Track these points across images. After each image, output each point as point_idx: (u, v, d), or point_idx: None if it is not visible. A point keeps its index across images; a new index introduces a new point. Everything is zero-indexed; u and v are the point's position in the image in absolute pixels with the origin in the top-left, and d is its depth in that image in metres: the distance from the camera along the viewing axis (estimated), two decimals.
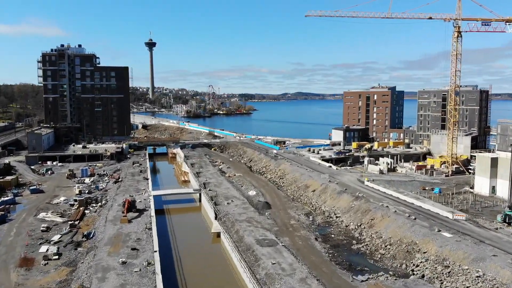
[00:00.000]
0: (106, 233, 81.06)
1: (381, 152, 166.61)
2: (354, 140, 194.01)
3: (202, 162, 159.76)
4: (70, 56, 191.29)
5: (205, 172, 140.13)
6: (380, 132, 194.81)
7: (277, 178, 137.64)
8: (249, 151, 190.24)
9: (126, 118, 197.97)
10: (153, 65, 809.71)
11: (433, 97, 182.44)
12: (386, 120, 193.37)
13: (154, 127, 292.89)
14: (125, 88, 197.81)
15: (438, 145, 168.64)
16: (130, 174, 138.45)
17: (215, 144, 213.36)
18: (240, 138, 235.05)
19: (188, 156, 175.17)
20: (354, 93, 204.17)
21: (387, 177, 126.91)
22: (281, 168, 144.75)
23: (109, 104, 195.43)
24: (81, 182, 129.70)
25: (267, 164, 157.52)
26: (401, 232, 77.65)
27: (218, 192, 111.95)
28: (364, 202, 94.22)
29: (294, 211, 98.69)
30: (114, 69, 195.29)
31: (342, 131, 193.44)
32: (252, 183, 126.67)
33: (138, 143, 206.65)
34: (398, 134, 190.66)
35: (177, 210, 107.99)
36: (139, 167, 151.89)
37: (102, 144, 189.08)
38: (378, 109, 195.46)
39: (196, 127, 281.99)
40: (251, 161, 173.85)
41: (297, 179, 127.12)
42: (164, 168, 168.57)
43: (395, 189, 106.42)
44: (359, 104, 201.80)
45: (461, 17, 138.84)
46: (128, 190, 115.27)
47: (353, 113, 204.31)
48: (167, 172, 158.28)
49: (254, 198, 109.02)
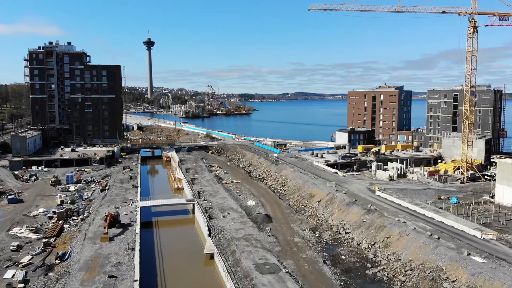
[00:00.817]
0: (83, 254, 70.52)
1: (389, 156, 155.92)
2: (359, 143, 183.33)
3: (197, 167, 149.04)
4: (59, 54, 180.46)
5: (200, 179, 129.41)
6: (387, 134, 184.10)
7: (278, 185, 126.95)
8: (248, 154, 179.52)
9: (118, 120, 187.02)
10: (151, 64, 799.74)
11: (444, 97, 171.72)
12: (393, 122, 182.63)
13: (150, 128, 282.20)
14: (117, 88, 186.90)
15: (449, 149, 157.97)
16: (119, 181, 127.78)
17: (212, 147, 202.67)
18: (239, 140, 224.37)
19: (183, 160, 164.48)
20: (359, 93, 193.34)
21: (399, 185, 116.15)
22: (283, 174, 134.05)
23: (100, 104, 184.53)
24: (65, 190, 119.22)
25: (268, 169, 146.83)
26: (423, 254, 66.94)
27: (213, 203, 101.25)
28: (378, 216, 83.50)
29: (298, 225, 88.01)
30: (105, 68, 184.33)
31: (346, 133, 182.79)
32: (251, 191, 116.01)
33: (131, 146, 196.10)
34: (406, 137, 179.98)
35: (167, 223, 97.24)
36: (129, 173, 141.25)
37: (93, 147, 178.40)
38: (384, 110, 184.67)
39: (194, 129, 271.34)
40: (250, 166, 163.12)
41: (300, 187, 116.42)
42: (158, 173, 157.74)
43: (410, 200, 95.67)
44: (365, 104, 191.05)
45: (477, 11, 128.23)
46: (114, 200, 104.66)
47: (358, 114, 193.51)
48: (161, 178, 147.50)
49: (253, 209, 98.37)
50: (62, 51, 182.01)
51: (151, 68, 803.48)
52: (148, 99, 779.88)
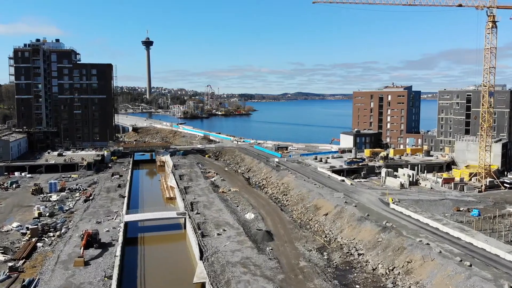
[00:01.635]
0: (51, 283, 59.81)
1: (399, 161, 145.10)
2: (365, 146, 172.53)
3: (192, 173, 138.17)
4: (46, 52, 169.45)
5: (194, 187, 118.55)
6: (394, 137, 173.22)
7: (279, 194, 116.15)
8: (247, 158, 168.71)
9: (109, 122, 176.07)
10: (150, 64, 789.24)
11: (456, 98, 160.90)
12: (401, 124, 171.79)
13: (145, 130, 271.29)
14: (108, 88, 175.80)
15: (463, 153, 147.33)
16: (106, 190, 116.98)
17: (209, 150, 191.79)
18: (237, 143, 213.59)
19: (177, 165, 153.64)
20: (365, 93, 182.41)
21: (413, 195, 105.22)
22: (285, 181, 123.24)
23: (90, 105, 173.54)
24: (46, 200, 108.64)
25: (268, 176, 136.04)
26: (453, 286, 56.15)
27: (207, 216, 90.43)
28: (395, 235, 72.67)
29: (303, 244, 77.18)
30: (95, 67, 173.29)
31: (352, 136, 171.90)
32: (250, 202, 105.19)
33: (123, 149, 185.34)
34: (415, 140, 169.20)
35: (155, 240, 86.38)
36: (118, 180, 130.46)
37: (81, 151, 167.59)
38: (392, 111, 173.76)
39: (191, 130, 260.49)
40: (249, 171, 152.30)
41: (304, 196, 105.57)
42: (150, 180, 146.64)
43: (430, 215, 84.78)
44: (371, 105, 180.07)
45: (496, 4, 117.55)
46: (97, 213, 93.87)
47: (363, 116, 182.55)
48: (152, 185, 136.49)
49: (252, 224, 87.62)
50: (49, 48, 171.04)
51: (149, 68, 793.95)
52: (147, 99, 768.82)
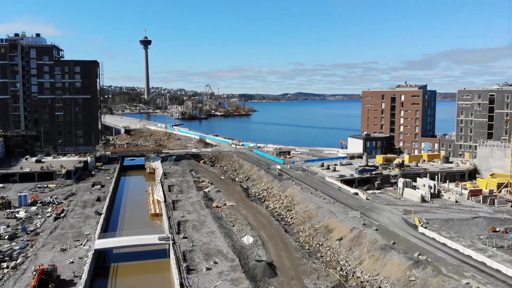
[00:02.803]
0: None
1: (416, 169, 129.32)
2: (376, 152, 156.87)
3: (183, 183, 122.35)
4: (25, 47, 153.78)
5: (184, 201, 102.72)
6: (408, 141, 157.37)
7: (283, 210, 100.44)
8: (246, 165, 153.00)
9: (94, 124, 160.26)
10: (148, 64, 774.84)
11: (477, 99, 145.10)
12: (416, 127, 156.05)
13: (139, 132, 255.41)
14: (93, 87, 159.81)
15: (487, 160, 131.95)
16: (82, 204, 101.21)
17: (205, 155, 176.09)
18: (236, 147, 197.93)
19: (168, 173, 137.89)
20: (376, 92, 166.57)
21: (441, 212, 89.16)
22: (288, 193, 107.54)
23: (73, 106, 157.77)
24: (12, 217, 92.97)
25: (269, 186, 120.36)
26: None
27: (196, 242, 74.68)
28: (432, 273, 56.91)
29: (314, 281, 61.49)
30: (79, 64, 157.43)
31: (361, 140, 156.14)
32: (249, 220, 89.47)
33: (110, 154, 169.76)
34: (431, 145, 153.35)
35: (131, 272, 70.61)
36: (98, 191, 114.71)
37: (63, 157, 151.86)
38: (406, 112, 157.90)
39: (186, 133, 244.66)
40: (248, 180, 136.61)
41: (312, 214, 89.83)
42: (136, 191, 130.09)
43: (470, 243, 68.89)
44: (382, 106, 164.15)
45: None
46: (64, 237, 78.13)
47: (374, 118, 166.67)
48: (138, 197, 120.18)
49: (250, 251, 71.99)
50: (28, 44, 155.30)
51: (147, 67, 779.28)
52: (145, 99, 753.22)
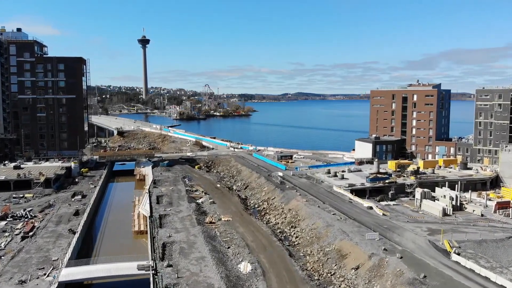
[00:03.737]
0: None
1: (433, 176, 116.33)
2: (386, 156, 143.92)
3: (174, 193, 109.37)
4: (3, 43, 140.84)
5: (173, 216, 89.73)
6: (421, 145, 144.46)
7: (286, 226, 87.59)
8: (245, 171, 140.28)
9: (80, 126, 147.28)
10: (146, 63, 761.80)
11: (498, 99, 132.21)
12: (430, 129, 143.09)
13: (132, 133, 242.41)
14: (78, 86, 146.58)
15: (510, 167, 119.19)
16: (56, 220, 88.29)
17: (201, 159, 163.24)
18: (234, 150, 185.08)
19: (158, 180, 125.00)
20: (386, 92, 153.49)
21: (471, 231, 76.12)
22: (292, 206, 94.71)
23: (56, 107, 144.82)
24: None
25: (270, 197, 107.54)
26: None
27: (182, 272, 61.72)
28: None
29: None
30: (62, 61, 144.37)
31: (370, 144, 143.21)
32: (246, 240, 76.63)
33: (98, 158, 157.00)
34: (447, 149, 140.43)
35: None
36: (78, 203, 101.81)
37: (45, 162, 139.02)
38: (419, 114, 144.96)
39: (182, 134, 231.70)
40: (246, 188, 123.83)
41: (321, 233, 76.99)
42: (121, 202, 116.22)
43: None
44: (393, 107, 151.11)
45: None
46: (27, 263, 65.21)
47: (383, 119, 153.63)
48: (123, 209, 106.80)
49: (248, 284, 59.16)
50: (7, 39, 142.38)
51: (145, 67, 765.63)
52: (143, 99, 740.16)
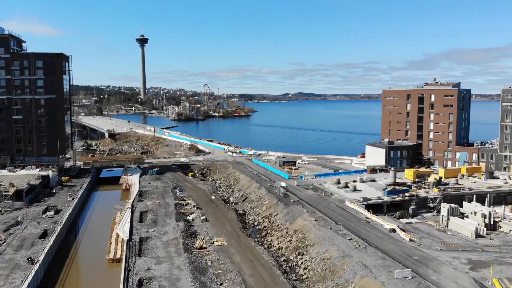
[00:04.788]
0: None
1: (457, 188, 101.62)
2: (400, 163, 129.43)
3: (161, 209, 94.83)
4: None
5: (156, 240, 75.16)
6: (440, 150, 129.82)
7: (291, 253, 73.01)
8: (243, 179, 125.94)
9: (60, 130, 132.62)
10: (144, 63, 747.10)
11: None
12: (449, 133, 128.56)
13: (124, 136, 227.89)
14: (59, 86, 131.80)
15: None
16: (18, 242, 73.99)
17: (195, 166, 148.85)
18: (232, 154, 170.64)
19: (145, 191, 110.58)
20: (400, 91, 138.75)
21: None
22: (298, 227, 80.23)
23: (34, 109, 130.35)
24: None
25: (273, 212, 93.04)
26: None
27: None
28: None
29: None
30: (41, 57, 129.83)
31: (383, 149, 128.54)
32: (243, 275, 62.14)
33: (82, 165, 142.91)
34: (468, 155, 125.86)
35: None
36: (49, 220, 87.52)
37: (21, 170, 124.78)
38: (437, 116, 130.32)
39: (177, 137, 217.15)
40: (245, 201, 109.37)
41: (335, 266, 62.43)
42: (102, 216, 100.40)
43: None
44: (407, 108, 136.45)
45: None
46: None
47: (397, 122, 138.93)
48: (102, 228, 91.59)
49: None
50: None
51: (144, 66, 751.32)
52: (141, 99, 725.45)
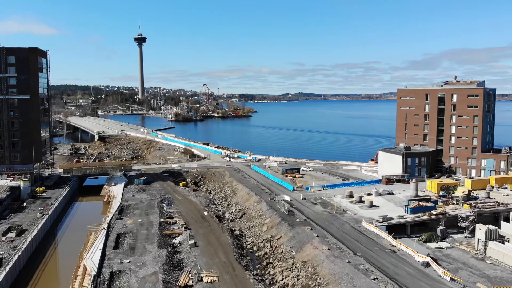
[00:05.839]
0: None
1: (490, 203, 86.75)
2: (419, 172, 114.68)
3: (142, 230, 79.91)
4: None
5: (130, 275, 60.13)
6: (463, 157, 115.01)
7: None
8: (241, 191, 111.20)
9: (36, 134, 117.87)
10: (142, 62, 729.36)
11: None
12: (474, 138, 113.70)
13: (115, 139, 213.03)
14: (34, 84, 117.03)
15: None
16: None
17: (188, 173, 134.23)
18: (230, 160, 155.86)
19: (127, 206, 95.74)
20: (417, 91, 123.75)
21: None
22: (308, 256, 65.36)
23: (5, 110, 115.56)
24: None
25: (275, 235, 78.20)
26: None
27: None
28: None
29: None
30: (13, 52, 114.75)
31: (399, 156, 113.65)
32: None
33: (63, 173, 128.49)
34: (496, 162, 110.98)
35: None
36: (8, 245, 72.61)
37: None
38: (460, 118, 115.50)
39: (171, 140, 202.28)
40: (242, 217, 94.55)
41: None
42: (75, 239, 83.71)
43: None
44: (425, 109, 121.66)
45: None
46: None
47: (414, 125, 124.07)
48: (71, 255, 76.26)
49: None
50: None
51: (142, 66, 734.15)
52: (139, 99, 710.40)
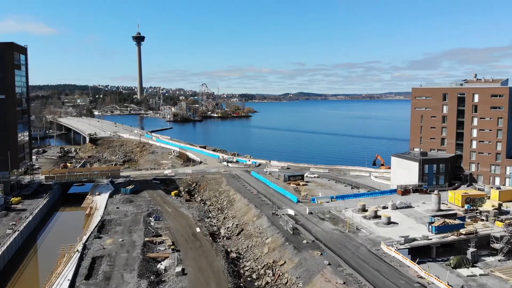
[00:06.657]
0: None
1: None
2: (437, 180, 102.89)
3: (122, 252, 68.19)
4: None
5: None
6: (485, 164, 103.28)
7: None
8: (239, 202, 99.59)
9: (12, 138, 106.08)
10: (141, 62, 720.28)
11: None
12: (497, 143, 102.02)
13: (107, 141, 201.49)
14: (10, 83, 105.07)
15: None
16: None
17: (181, 180, 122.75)
18: (228, 165, 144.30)
19: (109, 221, 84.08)
20: (434, 90, 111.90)
21: None
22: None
23: None
24: None
25: (278, 260, 66.54)
26: None
27: None
28: None
29: None
30: None
31: (416, 163, 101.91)
32: None
33: (45, 180, 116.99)
34: None
35: None
36: None
37: None
38: (482, 121, 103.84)
39: (166, 142, 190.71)
40: (240, 234, 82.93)
41: None
42: (46, 262, 72.15)
43: None
44: (443, 110, 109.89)
45: None
46: None
47: (430, 128, 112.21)
48: (36, 285, 64.77)
49: None
50: None
51: (140, 65, 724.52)
52: (137, 99, 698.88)
